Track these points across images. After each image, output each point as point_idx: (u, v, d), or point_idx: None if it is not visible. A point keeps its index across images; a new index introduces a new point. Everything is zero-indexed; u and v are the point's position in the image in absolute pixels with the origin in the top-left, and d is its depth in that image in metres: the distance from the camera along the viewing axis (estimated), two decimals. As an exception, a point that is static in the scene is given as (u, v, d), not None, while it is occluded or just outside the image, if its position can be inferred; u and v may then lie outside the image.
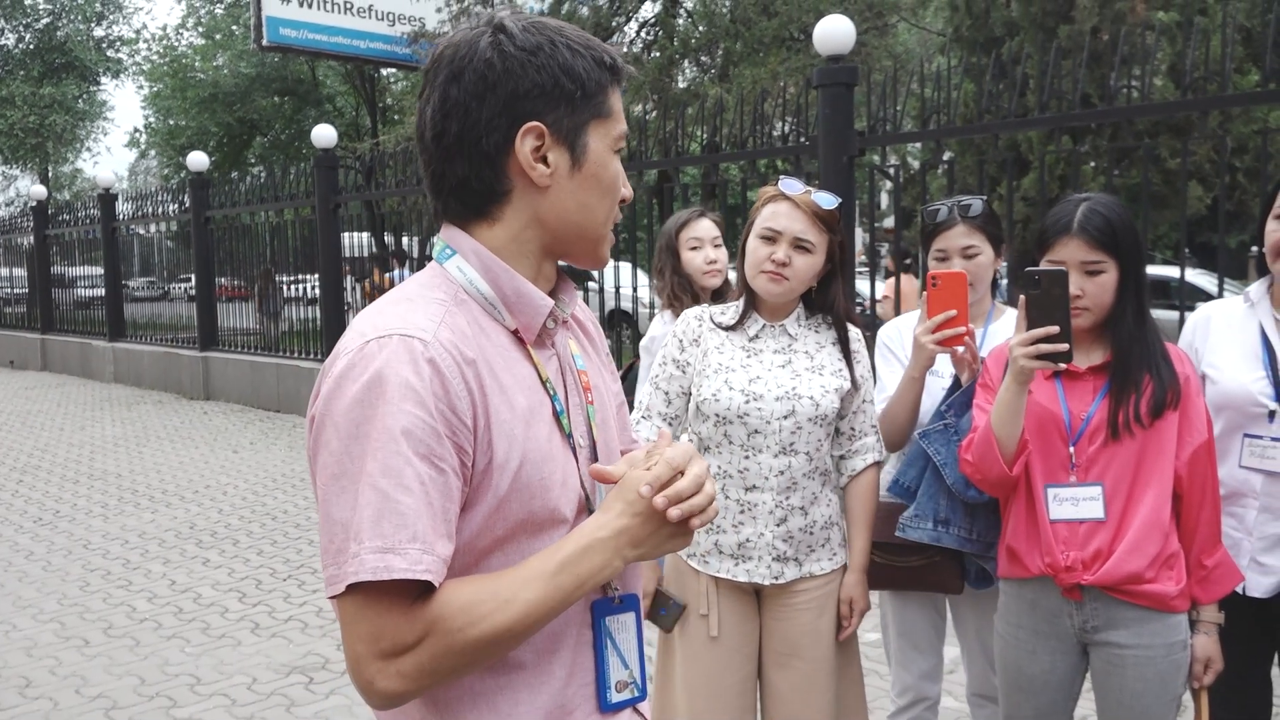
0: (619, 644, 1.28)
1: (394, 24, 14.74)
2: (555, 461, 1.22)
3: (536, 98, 1.18)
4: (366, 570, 1.06)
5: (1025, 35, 11.23)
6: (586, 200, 1.24)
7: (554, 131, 1.20)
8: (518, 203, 1.23)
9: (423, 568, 1.07)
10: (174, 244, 15.30)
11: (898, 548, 2.53)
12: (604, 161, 1.24)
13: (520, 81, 1.18)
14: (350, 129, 20.25)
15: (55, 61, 25.51)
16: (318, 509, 1.15)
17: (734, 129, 6.88)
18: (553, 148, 1.20)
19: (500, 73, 1.18)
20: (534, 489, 1.19)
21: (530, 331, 1.24)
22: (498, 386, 1.18)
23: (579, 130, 1.21)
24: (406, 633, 1.09)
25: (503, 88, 1.18)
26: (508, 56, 1.18)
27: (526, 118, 1.19)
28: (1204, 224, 15.08)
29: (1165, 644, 2.09)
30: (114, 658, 4.29)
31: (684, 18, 13.67)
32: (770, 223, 2.33)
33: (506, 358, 1.21)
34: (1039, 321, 1.99)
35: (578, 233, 1.25)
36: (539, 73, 1.18)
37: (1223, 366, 2.30)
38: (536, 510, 1.19)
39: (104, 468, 8.34)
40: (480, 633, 1.11)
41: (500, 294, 1.23)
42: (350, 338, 1.16)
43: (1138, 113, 5.32)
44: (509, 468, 1.17)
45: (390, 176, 9.81)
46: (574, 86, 1.20)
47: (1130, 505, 2.08)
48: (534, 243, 1.25)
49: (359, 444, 1.09)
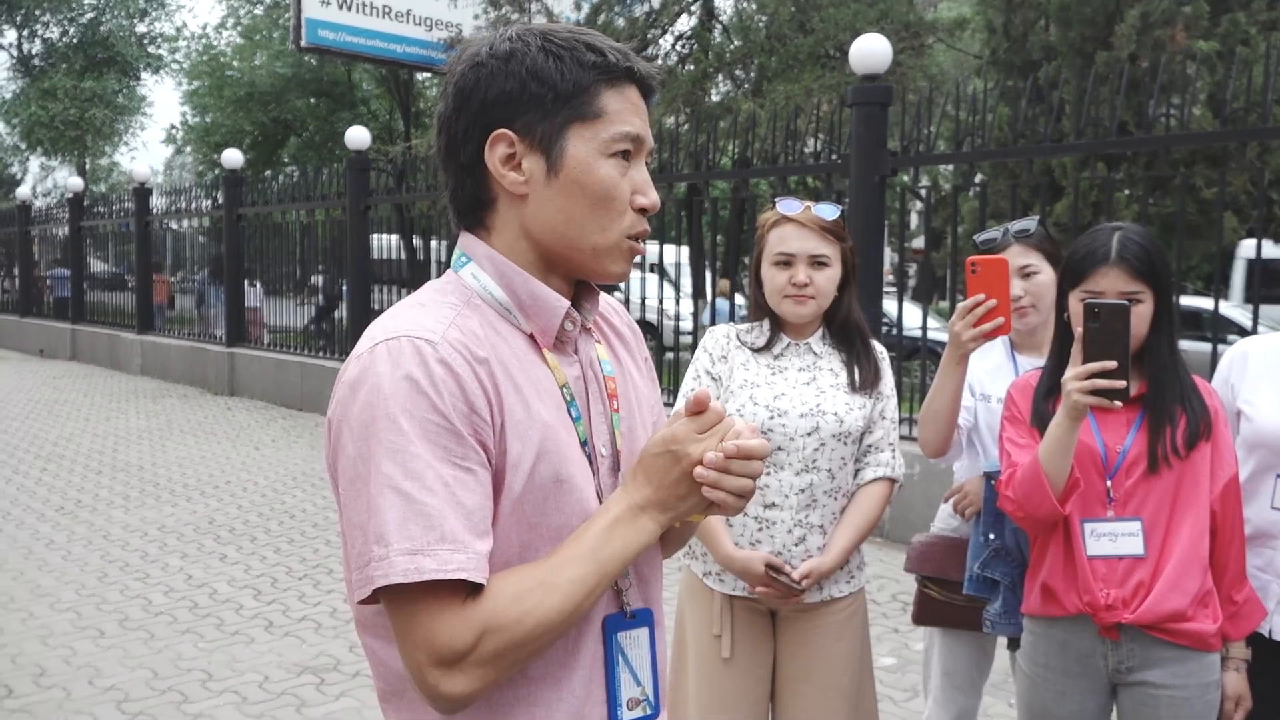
0: (631, 660, 1.26)
1: (431, 29, 14.83)
2: (574, 466, 1.21)
3: (505, 104, 1.18)
4: (397, 573, 1.06)
5: (1063, 60, 11.16)
6: (567, 207, 1.20)
7: (525, 137, 1.18)
8: (504, 213, 1.23)
9: (454, 567, 1.06)
10: (206, 239, 15.43)
11: (955, 585, 2.49)
12: (588, 166, 1.19)
13: (489, 89, 1.18)
14: (383, 132, 20.38)
15: (97, 55, 25.87)
16: (339, 514, 1.14)
17: (766, 144, 6.87)
18: (526, 154, 1.19)
19: (472, 83, 1.19)
20: (549, 491, 1.18)
21: (547, 335, 1.23)
22: (512, 387, 1.17)
23: (555, 134, 1.18)
24: (463, 633, 1.08)
25: (475, 98, 1.19)
26: (480, 66, 1.19)
27: (494, 125, 1.18)
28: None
29: (1200, 684, 2.05)
30: (128, 650, 4.31)
31: (719, 32, 13.68)
32: (781, 247, 2.32)
33: (523, 360, 1.20)
34: (1096, 356, 1.93)
35: (566, 243, 1.21)
36: (507, 79, 1.18)
37: (1260, 404, 2.25)
38: (552, 514, 1.18)
39: (127, 459, 8.40)
40: (536, 621, 1.11)
41: (515, 298, 1.22)
42: (363, 343, 1.17)
43: (1175, 141, 5.26)
44: (522, 468, 1.16)
45: (421, 180, 9.86)
46: (542, 89, 1.17)
47: (1169, 540, 2.04)
48: (529, 254, 1.23)
49: (373, 446, 1.09)
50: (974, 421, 2.59)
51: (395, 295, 11.09)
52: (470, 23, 13.99)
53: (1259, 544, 2.22)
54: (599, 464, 1.26)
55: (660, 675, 1.33)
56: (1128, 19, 10.94)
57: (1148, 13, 10.88)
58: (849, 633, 2.38)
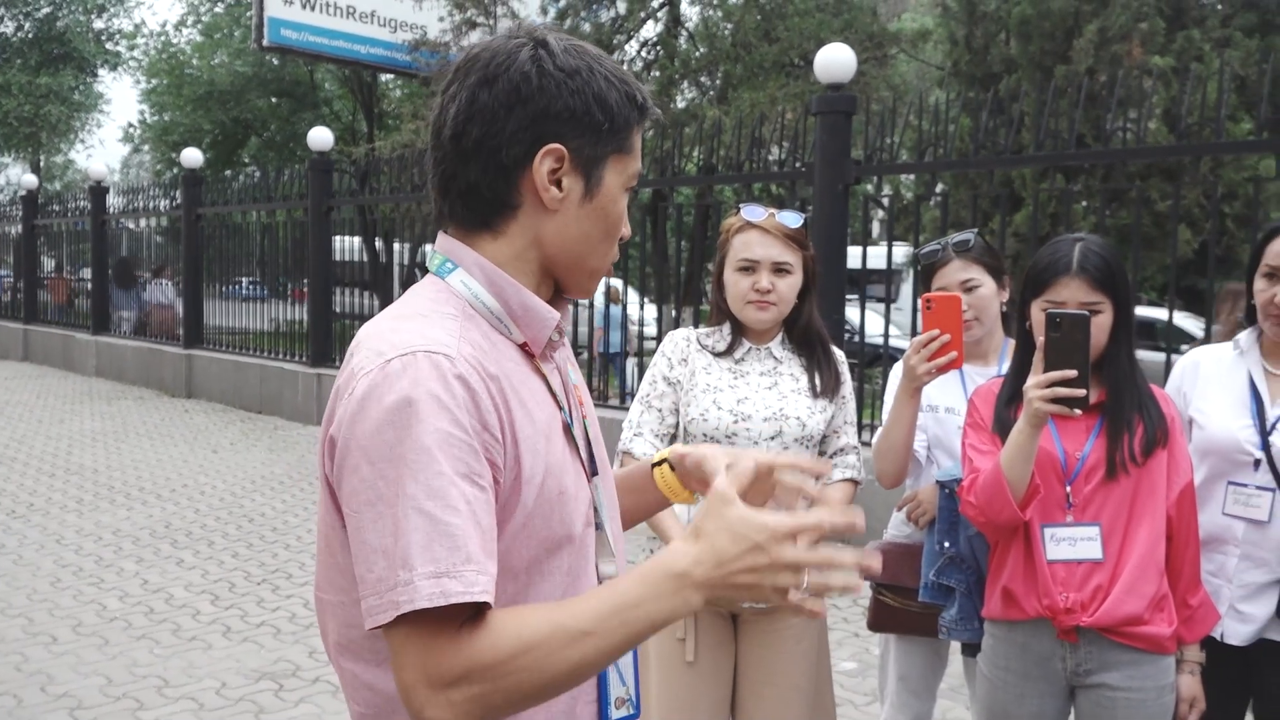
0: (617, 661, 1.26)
1: (395, 31, 14.73)
2: (570, 475, 1.22)
3: (565, 120, 1.17)
4: (423, 598, 1.02)
5: (1023, 73, 11.33)
6: (590, 231, 1.23)
7: (574, 157, 1.19)
8: (524, 220, 1.21)
9: (479, 589, 1.04)
10: (163, 239, 15.22)
11: (910, 591, 2.52)
12: (614, 197, 1.23)
13: (553, 101, 1.17)
14: (346, 133, 20.19)
15: (53, 51, 25.40)
16: (349, 535, 1.10)
17: (731, 151, 6.90)
18: (569, 173, 1.19)
19: (535, 88, 1.16)
20: (554, 503, 1.18)
21: (538, 345, 1.24)
22: (519, 401, 1.16)
23: (598, 162, 1.20)
24: (454, 661, 1.04)
25: (534, 103, 1.16)
26: (545, 74, 1.17)
27: (550, 138, 1.17)
28: (1191, 267, 15.20)
29: (1156, 686, 2.09)
30: (81, 656, 4.23)
31: (685, 39, 13.73)
32: (745, 253, 2.34)
33: (520, 372, 1.20)
34: (1057, 364, 1.97)
35: (575, 261, 1.24)
36: (573, 96, 1.17)
37: (1210, 413, 2.31)
38: (555, 526, 1.18)
39: (81, 462, 8.26)
40: (540, 678, 1.06)
41: (507, 308, 1.21)
42: (367, 357, 1.12)
43: (1131, 155, 5.37)
44: (534, 482, 1.15)
45: (384, 182, 9.79)
46: (604, 118, 1.19)
47: (1126, 545, 2.08)
48: (535, 262, 1.23)
49: (394, 467, 1.05)
50: (927, 437, 2.64)
51: (358, 298, 11.02)
52: (435, 24, 13.92)
53: (1212, 549, 2.27)
54: (585, 469, 1.27)
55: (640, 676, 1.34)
56: (1086, 34, 11.13)
57: (1105, 28, 11.07)
58: (809, 636, 2.40)
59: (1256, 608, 2.24)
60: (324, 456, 1.14)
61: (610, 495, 1.36)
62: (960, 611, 2.38)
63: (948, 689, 3.61)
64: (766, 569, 1.06)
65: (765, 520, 1.06)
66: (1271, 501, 2.21)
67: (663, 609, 1.07)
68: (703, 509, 1.10)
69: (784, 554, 1.06)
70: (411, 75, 15.11)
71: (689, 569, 1.06)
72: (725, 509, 1.08)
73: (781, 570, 1.06)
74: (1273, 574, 2.22)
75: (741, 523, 1.06)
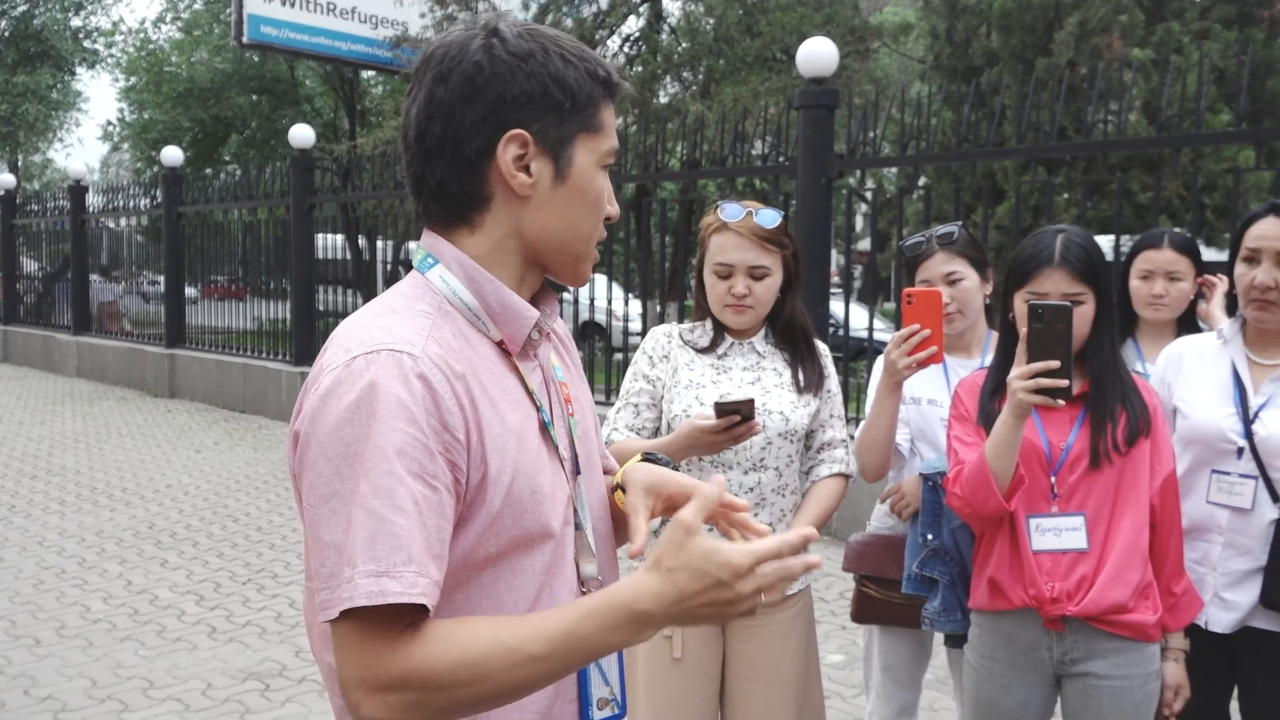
0: (600, 661, 1.25)
1: (376, 27, 14.67)
2: (545, 474, 1.21)
3: (523, 105, 1.16)
4: (361, 595, 1.03)
5: (1004, 66, 11.38)
6: (569, 214, 1.21)
7: (539, 141, 1.18)
8: (498, 211, 1.20)
9: (417, 591, 1.04)
10: (144, 239, 15.13)
11: (893, 583, 2.52)
12: (589, 176, 1.21)
13: (508, 87, 1.16)
14: (327, 130, 20.10)
15: (30, 50, 25.18)
16: (304, 529, 1.11)
17: (714, 146, 6.90)
18: (536, 157, 1.18)
19: (488, 76, 1.16)
20: (526, 503, 1.17)
21: (515, 343, 1.23)
22: (488, 400, 1.16)
23: (565, 142, 1.19)
24: (390, 665, 1.04)
25: (490, 92, 1.16)
26: (497, 60, 1.16)
27: (511, 124, 1.16)
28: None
29: (1141, 674, 2.11)
30: (65, 659, 4.20)
31: (667, 34, 13.72)
32: (720, 257, 2.32)
33: (494, 370, 1.19)
34: (1040, 355, 1.98)
35: (558, 246, 1.23)
36: (528, 80, 1.16)
37: (1194, 402, 2.32)
38: (529, 525, 1.17)
39: (63, 463, 8.20)
40: (479, 693, 1.07)
41: (485, 305, 1.21)
42: (334, 353, 1.13)
43: (1112, 147, 5.39)
44: (502, 482, 1.14)
45: (367, 180, 9.75)
46: (563, 97, 1.17)
47: (1110, 534, 2.09)
48: (516, 253, 1.22)
49: (349, 464, 1.06)
50: (910, 430, 2.64)
51: (340, 295, 10.97)
52: (416, 21, 13.87)
53: (1195, 537, 2.29)
54: (566, 469, 1.26)
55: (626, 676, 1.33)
56: (1066, 26, 11.17)
57: (1085, 21, 11.12)
58: (796, 630, 2.40)
59: (1240, 595, 2.26)
60: (290, 450, 1.15)
61: (597, 495, 1.34)
62: (943, 603, 2.39)
63: (934, 679, 3.63)
64: (728, 603, 1.06)
65: (729, 557, 1.04)
66: (1254, 490, 2.22)
67: (615, 641, 1.08)
68: (665, 540, 1.07)
69: (746, 588, 1.05)
70: (393, 72, 15.05)
71: (649, 609, 1.06)
72: (688, 542, 1.06)
73: (743, 601, 1.06)
74: (1256, 561, 2.23)
75: (704, 559, 1.05)
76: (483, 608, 1.16)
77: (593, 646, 1.07)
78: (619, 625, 1.06)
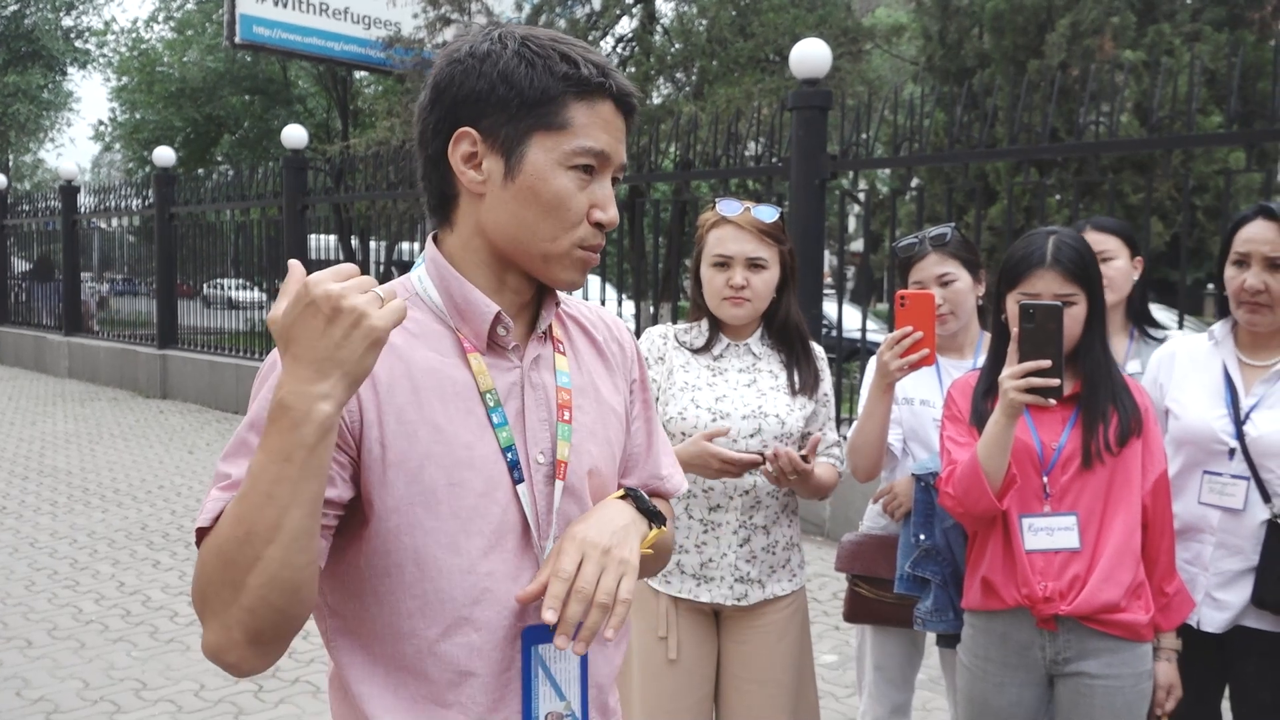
0: (554, 673, 1.23)
1: (369, 28, 14.66)
2: (476, 470, 1.20)
3: (473, 103, 1.20)
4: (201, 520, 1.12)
5: (996, 67, 11.41)
6: (520, 213, 1.21)
7: (487, 138, 1.20)
8: (464, 208, 1.25)
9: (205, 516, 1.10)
10: (136, 239, 15.09)
11: (885, 583, 2.53)
12: (544, 175, 1.19)
13: (460, 88, 1.20)
14: (320, 130, 20.08)
15: (21, 49, 25.08)
16: None
17: (707, 147, 6.91)
18: (487, 154, 1.21)
19: (446, 79, 1.21)
20: (440, 493, 1.18)
21: (479, 339, 1.24)
22: (410, 387, 1.19)
23: (517, 140, 1.20)
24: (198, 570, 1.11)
25: (448, 94, 1.21)
26: (456, 63, 1.21)
27: (463, 123, 1.21)
28: (1162, 260, 15.36)
29: (1134, 673, 2.11)
30: (58, 660, 4.19)
31: (660, 34, 13.72)
32: (719, 249, 2.34)
33: (437, 363, 1.21)
34: (1031, 355, 1.99)
35: (515, 246, 1.23)
36: (478, 79, 1.19)
37: (1186, 403, 2.34)
38: (446, 517, 1.18)
39: (54, 464, 8.17)
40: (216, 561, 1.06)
41: (450, 301, 1.25)
42: None
43: (1104, 148, 5.41)
44: (408, 466, 1.17)
45: (360, 180, 9.74)
46: (509, 93, 1.18)
47: (1102, 534, 2.10)
48: (483, 251, 1.25)
49: (246, 413, 1.19)
50: (902, 430, 2.65)
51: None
52: (409, 21, 13.85)
53: (1187, 537, 2.30)
54: (530, 471, 1.24)
55: (599, 689, 1.30)
56: (1058, 28, 11.22)
57: (1077, 22, 11.17)
58: (791, 630, 2.41)
59: (1232, 595, 2.27)
60: None
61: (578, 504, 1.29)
62: (935, 603, 2.40)
63: (927, 679, 3.64)
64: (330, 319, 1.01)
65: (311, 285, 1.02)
66: (1246, 490, 2.23)
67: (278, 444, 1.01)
68: None
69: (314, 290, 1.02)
70: (386, 72, 15.03)
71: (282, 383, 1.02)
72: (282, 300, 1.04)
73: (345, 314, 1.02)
74: (1247, 562, 2.24)
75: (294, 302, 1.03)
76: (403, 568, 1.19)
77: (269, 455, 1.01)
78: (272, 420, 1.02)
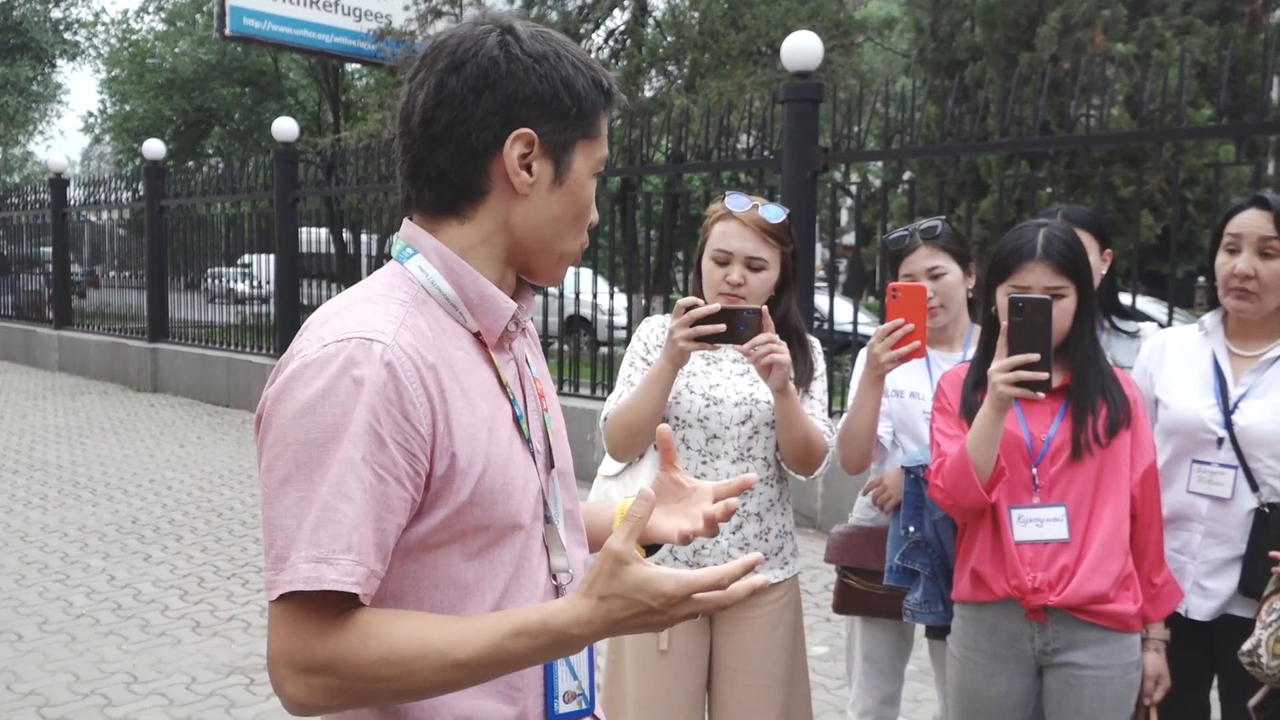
0: (570, 657, 1.26)
1: (360, 20, 14.59)
2: (516, 466, 1.21)
3: (534, 105, 1.18)
4: (300, 580, 1.06)
5: (988, 60, 11.42)
6: (560, 216, 1.23)
7: (544, 142, 1.19)
8: (493, 205, 1.21)
9: (353, 580, 1.06)
10: (126, 232, 15.03)
11: (874, 574, 2.54)
12: (583, 182, 1.24)
13: (521, 86, 1.17)
14: (311, 123, 20.00)
15: (10, 41, 24.93)
16: (262, 508, 1.13)
17: (699, 140, 6.90)
18: (539, 158, 1.20)
19: (504, 73, 1.17)
20: (497, 495, 1.18)
21: (492, 335, 1.23)
22: (459, 390, 1.16)
23: (567, 147, 1.21)
24: (318, 649, 1.07)
25: (503, 88, 1.17)
26: (514, 58, 1.18)
27: (520, 123, 1.18)
28: (1153, 252, 15.40)
29: (1122, 664, 2.13)
30: (48, 654, 4.18)
31: (652, 27, 13.71)
32: (721, 244, 2.33)
33: (468, 361, 1.20)
34: (1020, 348, 2.00)
35: (544, 246, 1.24)
36: (541, 82, 1.18)
37: (1175, 393, 2.35)
38: (498, 517, 1.18)
39: (44, 458, 8.14)
40: (401, 689, 1.10)
41: (463, 295, 1.21)
42: (307, 339, 1.14)
43: (1095, 141, 5.42)
44: (472, 473, 1.15)
45: (351, 173, 9.71)
46: (571, 103, 1.19)
47: (1091, 525, 2.11)
48: (501, 247, 1.23)
49: (306, 451, 1.08)
50: (892, 423, 2.65)
51: (325, 289, 10.93)
52: (400, 14, 13.81)
53: (1176, 527, 2.32)
54: (539, 461, 1.27)
55: (596, 671, 1.33)
56: (1049, 21, 11.23)
57: (1068, 15, 11.18)
58: (783, 621, 2.42)
59: (1219, 583, 2.28)
60: (255, 431, 1.17)
61: (569, 489, 1.34)
62: (924, 595, 2.41)
63: (916, 670, 3.65)
64: (660, 624, 1.08)
65: (661, 586, 1.05)
66: (1234, 479, 2.25)
67: (541, 659, 1.12)
68: (597, 568, 1.07)
69: (679, 612, 1.07)
70: (377, 65, 14.98)
71: (580, 635, 1.08)
72: (620, 571, 1.06)
73: (677, 620, 1.08)
74: (1235, 550, 2.26)
75: (637, 589, 1.05)
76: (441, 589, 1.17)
77: (519, 662, 1.11)
78: (547, 647, 1.09)
